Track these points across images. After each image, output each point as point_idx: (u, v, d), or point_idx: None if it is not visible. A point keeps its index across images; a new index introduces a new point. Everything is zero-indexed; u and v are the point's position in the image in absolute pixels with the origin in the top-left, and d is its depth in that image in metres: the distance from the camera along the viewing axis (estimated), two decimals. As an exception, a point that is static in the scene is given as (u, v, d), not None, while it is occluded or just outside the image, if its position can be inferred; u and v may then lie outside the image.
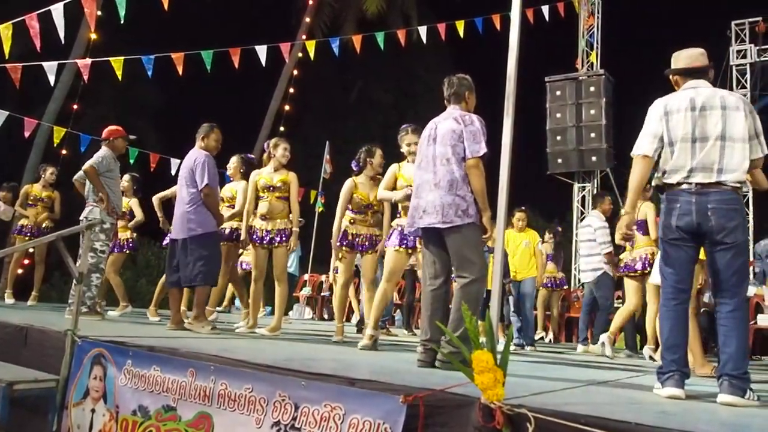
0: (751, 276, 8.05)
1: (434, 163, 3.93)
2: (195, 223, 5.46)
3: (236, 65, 9.01)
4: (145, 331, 5.15)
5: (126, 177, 7.36)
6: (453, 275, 4.09)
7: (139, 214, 7.54)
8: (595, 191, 13.28)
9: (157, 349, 3.45)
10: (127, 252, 7.66)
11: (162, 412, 3.18)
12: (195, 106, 16.78)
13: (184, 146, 5.98)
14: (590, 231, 7.67)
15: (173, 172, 10.18)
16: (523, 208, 7.79)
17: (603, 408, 2.46)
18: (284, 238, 5.80)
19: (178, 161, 10.00)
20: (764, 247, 7.10)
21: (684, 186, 3.19)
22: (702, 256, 3.33)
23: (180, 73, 8.68)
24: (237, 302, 12.25)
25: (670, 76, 3.47)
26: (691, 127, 3.22)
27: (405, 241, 4.98)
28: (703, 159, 3.16)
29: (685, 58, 3.41)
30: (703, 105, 3.22)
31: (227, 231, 6.42)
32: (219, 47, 9.09)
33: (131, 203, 7.51)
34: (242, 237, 5.98)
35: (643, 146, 3.35)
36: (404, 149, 5.16)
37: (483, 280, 3.88)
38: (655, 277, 4.26)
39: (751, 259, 8.85)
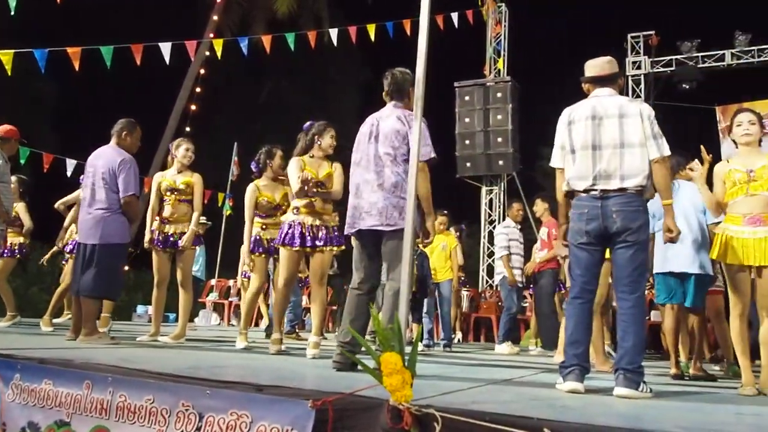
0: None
1: (376, 162, 3.86)
2: (111, 230, 5.03)
3: (138, 62, 8.64)
4: (35, 342, 4.84)
5: (12, 178, 6.73)
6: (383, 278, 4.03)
7: (26, 221, 7.00)
8: (502, 194, 13.69)
9: (48, 361, 3.22)
10: (18, 257, 7.14)
11: (54, 428, 2.98)
12: (95, 104, 16.02)
13: (82, 145, 5.62)
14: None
15: (69, 174, 9.62)
16: (445, 211, 7.95)
17: (507, 405, 2.53)
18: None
19: (75, 162, 9.49)
20: None
21: (590, 192, 3.36)
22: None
23: (76, 68, 8.21)
24: (139, 309, 11.81)
25: (583, 84, 3.62)
26: (591, 136, 3.39)
27: (304, 240, 4.82)
28: (605, 166, 3.32)
29: (592, 67, 3.58)
30: (602, 114, 3.39)
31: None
32: (121, 43, 8.69)
33: (18, 208, 6.91)
34: (145, 240, 5.75)
35: (554, 160, 3.58)
36: (327, 143, 4.95)
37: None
38: None
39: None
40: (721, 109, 13.61)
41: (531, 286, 8.34)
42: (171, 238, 5.64)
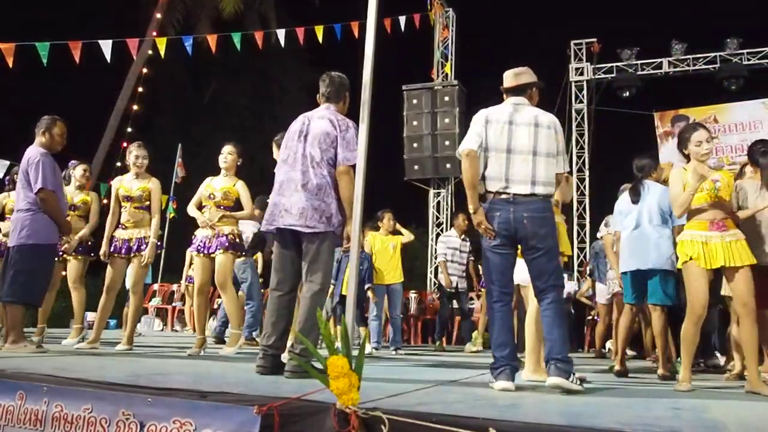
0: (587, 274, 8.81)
1: (303, 162, 3.82)
2: (29, 231, 4.84)
3: (77, 60, 8.36)
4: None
5: None
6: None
7: None
8: (449, 197, 13.82)
9: (-23, 371, 3.08)
10: None
11: (-15, 441, 2.85)
12: (31, 103, 15.42)
13: (19, 146, 5.36)
14: None
15: (1, 175, 9.23)
16: (388, 209, 7.95)
17: (453, 406, 2.54)
18: (142, 247, 5.56)
19: (8, 162, 9.11)
20: (600, 247, 7.75)
21: (503, 195, 3.48)
22: None
23: (10, 65, 7.89)
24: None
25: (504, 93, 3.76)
26: (507, 139, 3.52)
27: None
28: (518, 171, 3.46)
29: (510, 77, 3.71)
30: (518, 120, 3.54)
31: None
32: (58, 39, 8.39)
33: None
34: (102, 248, 5.66)
35: (467, 143, 3.54)
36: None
37: (327, 290, 3.95)
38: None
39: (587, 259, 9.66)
40: (659, 115, 14.09)
41: (482, 286, 8.59)
42: (127, 244, 5.58)
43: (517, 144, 3.49)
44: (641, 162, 5.20)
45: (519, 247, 3.55)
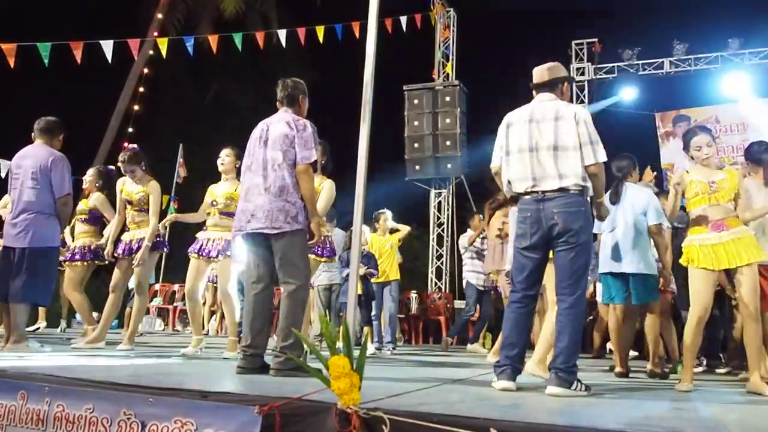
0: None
1: (264, 166, 3.85)
2: (44, 234, 4.87)
3: (78, 60, 8.37)
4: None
5: None
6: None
7: None
8: (450, 197, 13.82)
9: (-22, 371, 3.09)
10: None
11: (-14, 440, 2.86)
12: (32, 103, 15.44)
13: (19, 146, 5.33)
14: None
15: (3, 175, 9.24)
16: (385, 209, 7.98)
17: (455, 406, 2.55)
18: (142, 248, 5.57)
19: (10, 163, 9.13)
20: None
21: (532, 194, 3.40)
22: None
23: (12, 65, 7.90)
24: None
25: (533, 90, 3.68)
26: (528, 138, 3.44)
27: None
28: (542, 168, 3.37)
29: (534, 73, 3.64)
30: (539, 117, 3.45)
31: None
32: (60, 40, 8.41)
33: None
34: (108, 248, 5.72)
35: (493, 161, 3.65)
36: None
37: (308, 286, 3.96)
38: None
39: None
40: (660, 115, 14.06)
41: (496, 287, 8.66)
42: (129, 245, 5.62)
43: (540, 141, 3.39)
44: (621, 162, 5.16)
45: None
